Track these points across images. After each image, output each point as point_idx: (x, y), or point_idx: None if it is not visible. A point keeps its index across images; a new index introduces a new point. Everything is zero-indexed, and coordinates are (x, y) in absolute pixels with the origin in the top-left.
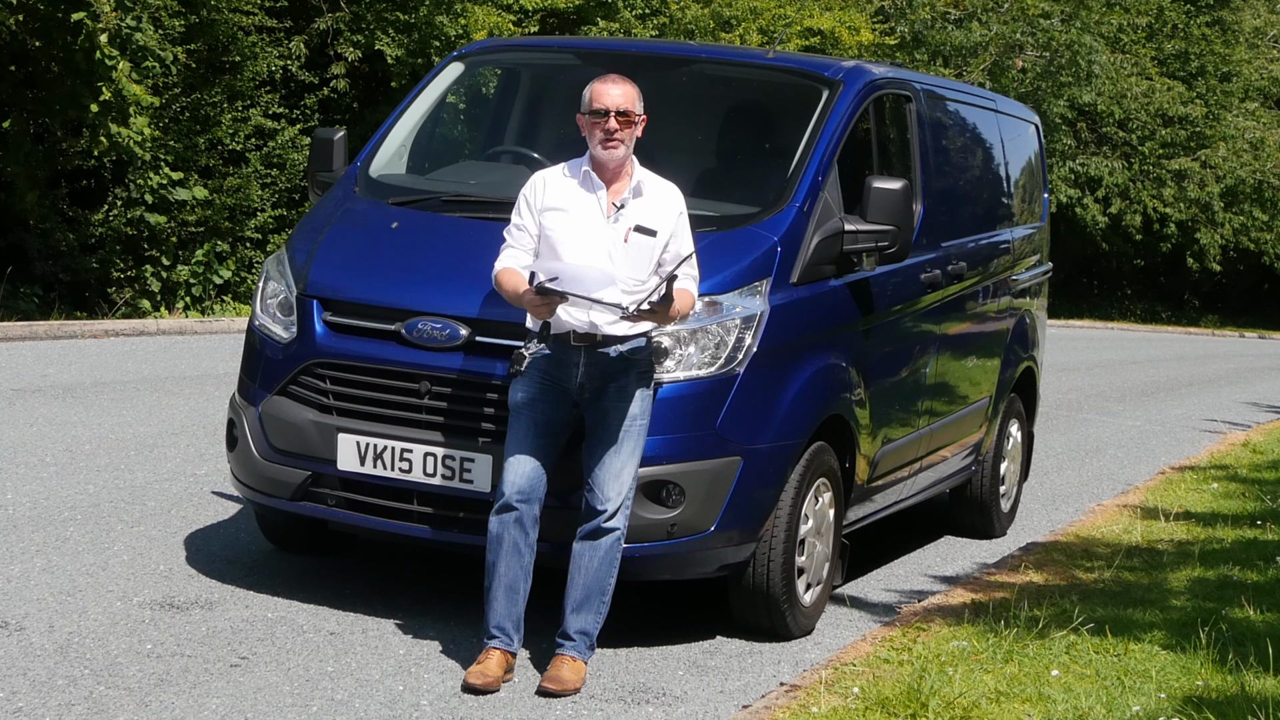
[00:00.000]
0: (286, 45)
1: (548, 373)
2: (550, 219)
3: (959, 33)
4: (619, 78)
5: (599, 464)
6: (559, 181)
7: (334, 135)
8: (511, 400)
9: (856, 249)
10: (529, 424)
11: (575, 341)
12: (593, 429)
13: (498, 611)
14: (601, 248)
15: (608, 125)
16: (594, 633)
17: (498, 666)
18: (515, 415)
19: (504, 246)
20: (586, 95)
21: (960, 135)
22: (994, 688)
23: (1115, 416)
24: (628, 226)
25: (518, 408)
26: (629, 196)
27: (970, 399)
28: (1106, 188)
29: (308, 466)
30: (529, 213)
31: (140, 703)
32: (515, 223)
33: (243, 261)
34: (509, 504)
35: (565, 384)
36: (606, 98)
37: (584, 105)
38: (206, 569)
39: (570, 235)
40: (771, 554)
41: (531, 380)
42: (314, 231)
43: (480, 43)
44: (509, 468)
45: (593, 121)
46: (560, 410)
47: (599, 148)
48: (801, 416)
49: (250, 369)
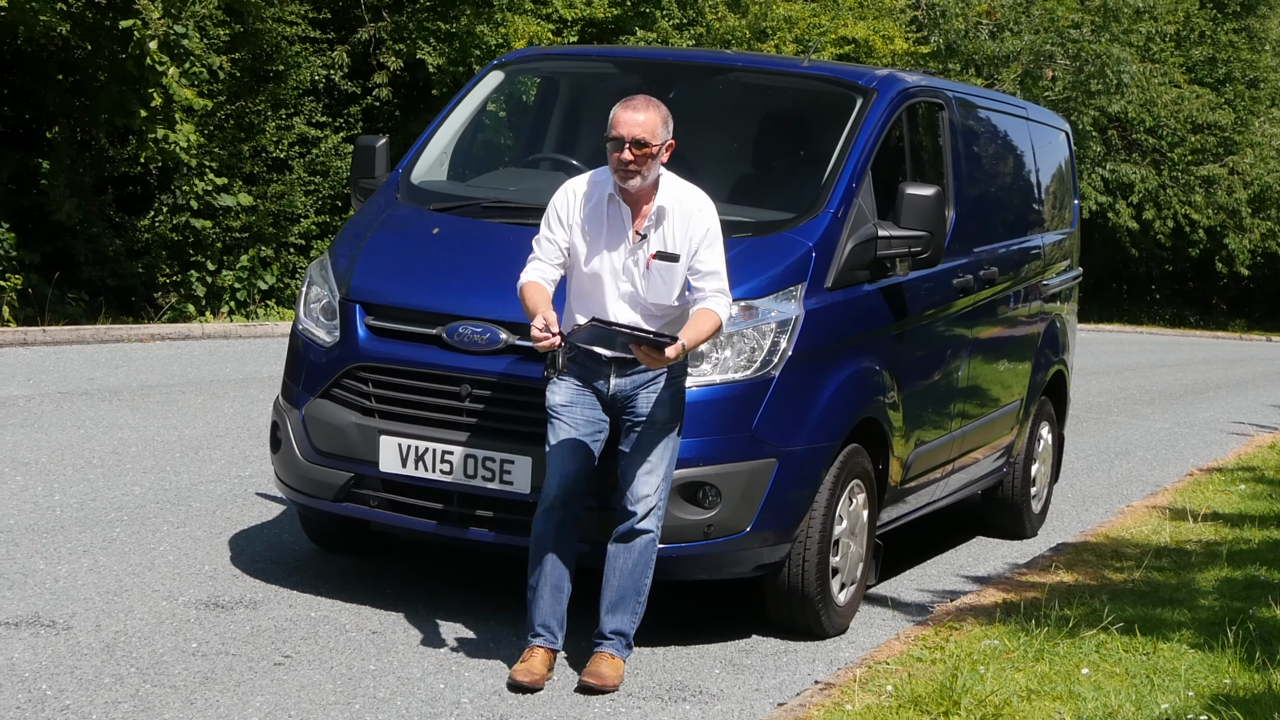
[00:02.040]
0: (329, 55)
1: (583, 377)
2: (580, 236)
3: (991, 42)
4: (644, 102)
5: (632, 467)
6: (590, 196)
7: (376, 143)
8: (550, 402)
9: (890, 254)
10: (569, 426)
11: (604, 360)
12: (626, 433)
13: (543, 610)
14: (624, 274)
15: (622, 156)
16: (630, 633)
17: (542, 664)
18: (555, 418)
19: (531, 257)
20: (609, 119)
21: (992, 142)
22: (1025, 686)
23: (1144, 419)
24: (648, 255)
25: (557, 410)
26: (650, 225)
27: (1002, 402)
28: (1139, 193)
29: (350, 468)
30: (559, 226)
31: (185, 700)
32: (545, 234)
33: (286, 267)
34: (554, 505)
35: (599, 389)
36: (623, 126)
37: (607, 129)
38: (251, 569)
39: (595, 259)
40: (806, 554)
41: (569, 383)
42: (356, 237)
43: (520, 51)
44: (552, 470)
45: (610, 150)
46: (598, 412)
47: (615, 175)
48: (836, 419)
49: (294, 372)
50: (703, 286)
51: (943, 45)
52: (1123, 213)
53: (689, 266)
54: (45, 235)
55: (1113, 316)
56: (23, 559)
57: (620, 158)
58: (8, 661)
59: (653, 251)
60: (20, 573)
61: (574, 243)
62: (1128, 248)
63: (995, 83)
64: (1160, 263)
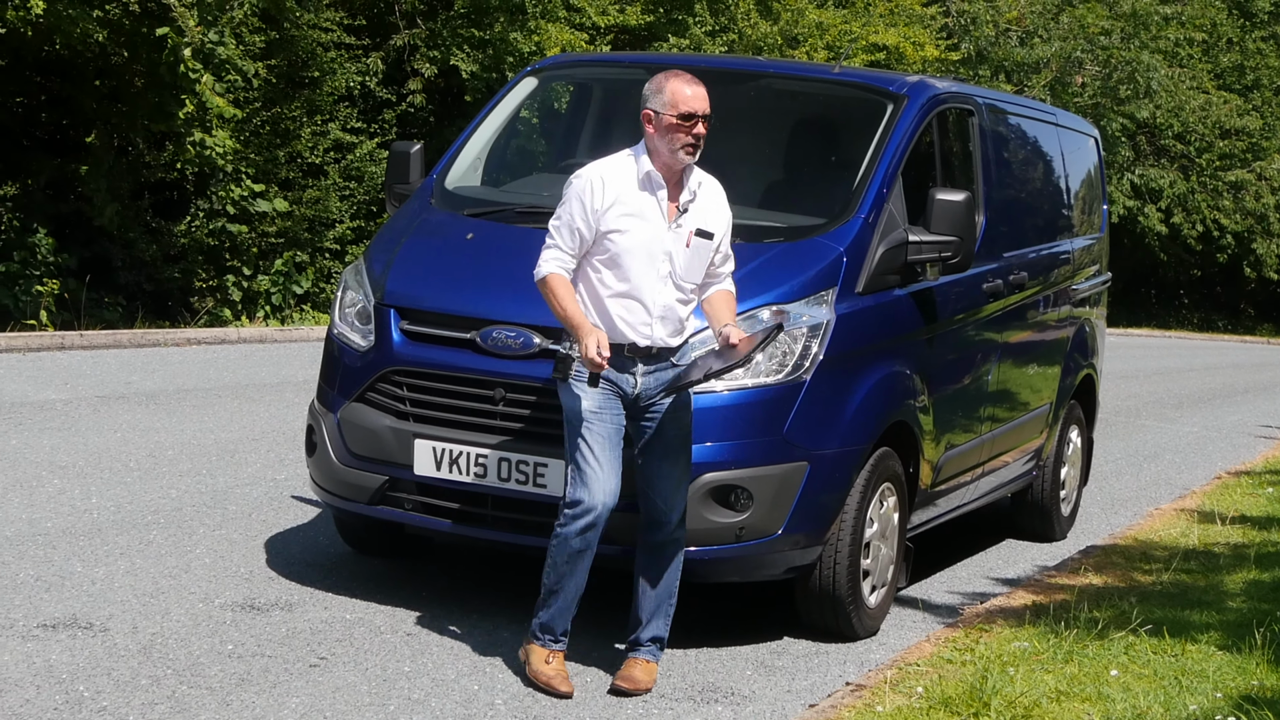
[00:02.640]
0: (365, 61)
1: (609, 379)
2: (613, 222)
3: (1021, 49)
4: (693, 78)
5: (661, 473)
6: (618, 181)
7: (411, 148)
8: (574, 407)
9: (920, 259)
10: (601, 435)
11: (629, 353)
12: (651, 437)
13: (567, 618)
14: (663, 254)
15: (696, 130)
16: (665, 636)
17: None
18: (585, 425)
19: (549, 246)
20: (667, 95)
21: (1021, 148)
22: (1054, 687)
23: (1173, 423)
24: (690, 231)
25: (588, 418)
26: (689, 199)
27: (1031, 406)
28: (1167, 198)
29: (385, 471)
30: (584, 215)
31: (222, 702)
32: (568, 222)
33: (322, 272)
34: (595, 522)
35: (624, 391)
36: (697, 101)
37: (664, 105)
38: (286, 571)
39: (635, 243)
40: (837, 556)
41: (595, 388)
42: (391, 242)
43: (553, 58)
44: (593, 483)
45: (680, 125)
46: (623, 415)
47: (680, 152)
48: (867, 422)
49: (329, 376)
50: (723, 269)
51: (973, 52)
52: (1151, 217)
53: (718, 245)
54: (83, 240)
55: (1141, 321)
56: (60, 561)
57: (695, 133)
58: (45, 663)
59: (694, 229)
60: (58, 575)
61: (608, 227)
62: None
63: (1025, 89)
64: (1188, 267)
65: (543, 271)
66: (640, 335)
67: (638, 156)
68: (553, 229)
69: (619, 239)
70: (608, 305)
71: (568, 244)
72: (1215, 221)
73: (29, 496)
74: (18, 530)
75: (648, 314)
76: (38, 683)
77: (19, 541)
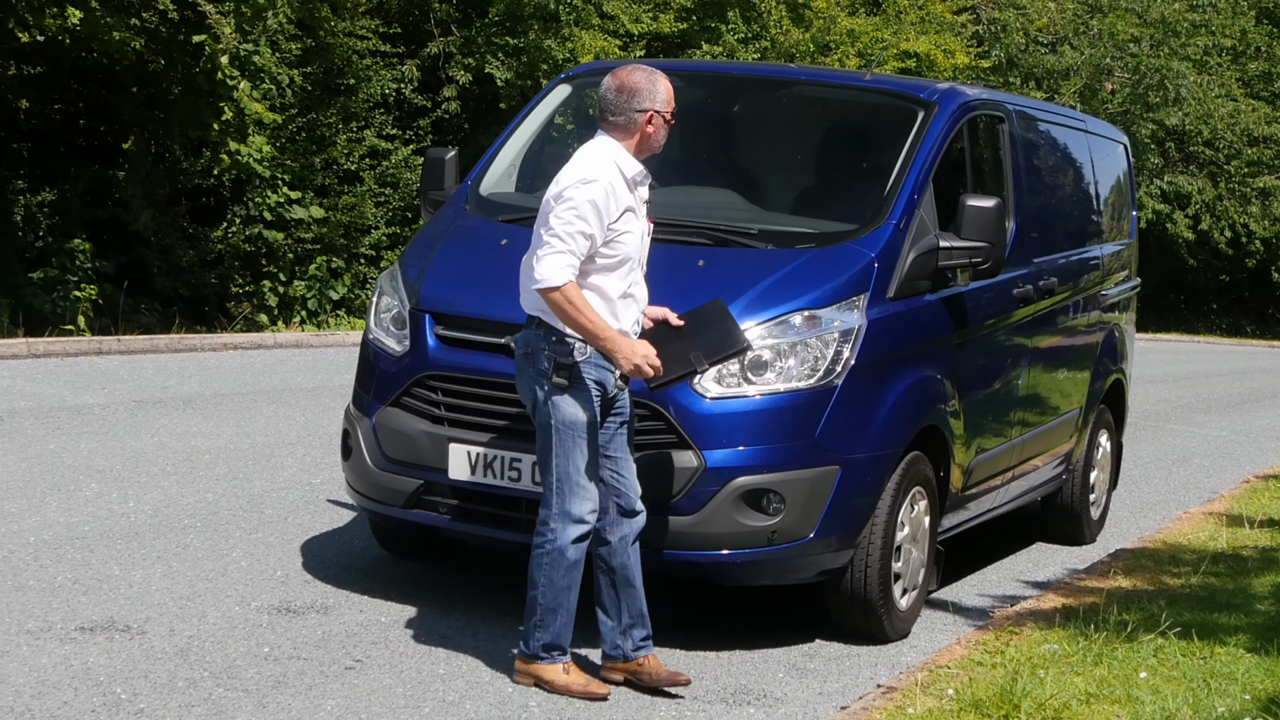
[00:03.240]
0: (400, 69)
1: (599, 384)
2: (626, 222)
3: (1051, 56)
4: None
5: (628, 465)
6: (622, 184)
7: (445, 155)
8: (567, 417)
9: (951, 265)
10: (593, 445)
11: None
12: (615, 432)
13: (570, 631)
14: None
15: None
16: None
17: None
18: (579, 435)
19: (559, 251)
20: (662, 93)
21: (1051, 155)
22: (1084, 689)
23: (1201, 427)
24: (650, 220)
25: (580, 428)
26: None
27: (1061, 410)
28: (1196, 205)
29: (420, 475)
30: (599, 222)
31: (258, 704)
32: (581, 229)
33: (357, 277)
34: (589, 530)
35: (607, 392)
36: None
37: (659, 103)
38: (322, 574)
39: (637, 240)
40: (869, 560)
41: (587, 398)
42: (426, 248)
43: (587, 65)
44: (586, 493)
45: (668, 122)
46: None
47: (658, 146)
48: (898, 427)
49: (364, 381)
50: None
51: (1003, 59)
52: (1180, 223)
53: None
54: (120, 246)
55: (1170, 326)
56: (98, 565)
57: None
58: (83, 665)
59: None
60: (95, 578)
61: (622, 232)
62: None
63: (1055, 96)
64: (1217, 273)
65: (558, 280)
66: (635, 333)
67: (618, 155)
68: (563, 235)
69: (631, 241)
70: (619, 306)
71: (582, 250)
72: (1244, 227)
73: (67, 500)
74: (56, 534)
75: (640, 311)
76: (75, 685)
77: (57, 545)
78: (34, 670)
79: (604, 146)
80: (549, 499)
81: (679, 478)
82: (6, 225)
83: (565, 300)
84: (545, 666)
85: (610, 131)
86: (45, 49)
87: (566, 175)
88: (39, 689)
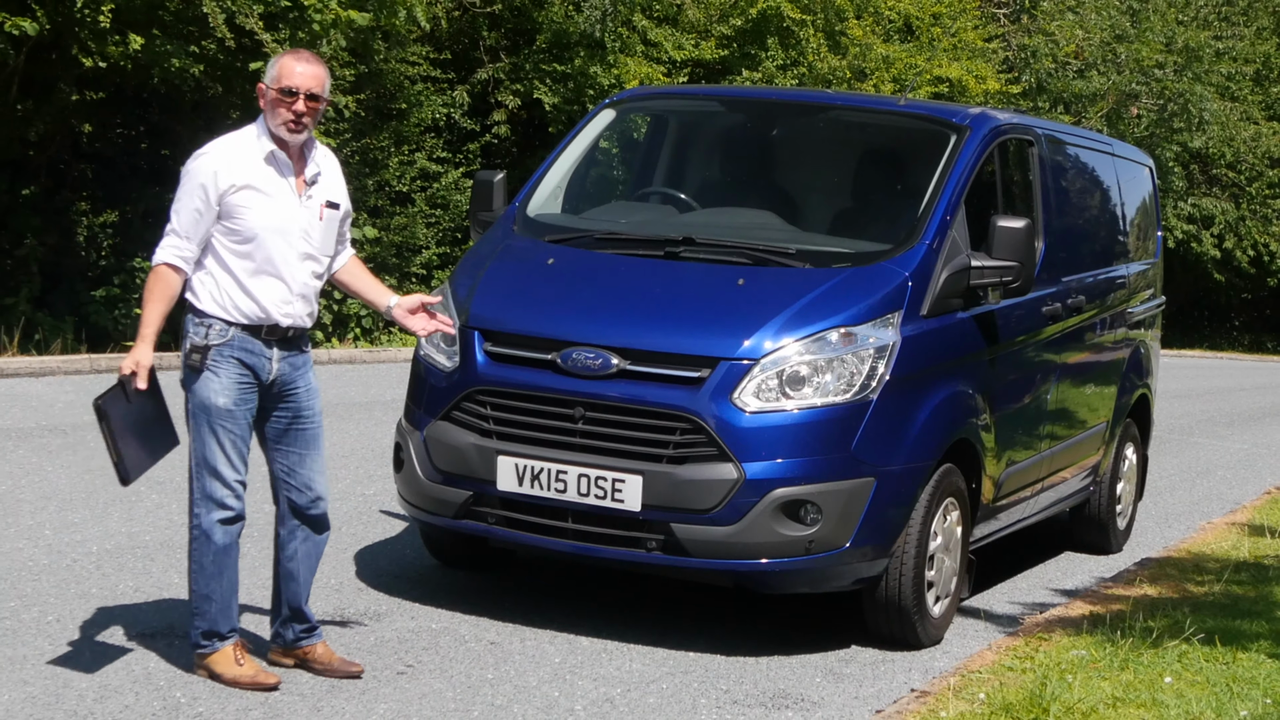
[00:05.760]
0: (450, 94)
1: (247, 368)
2: (244, 198)
3: (1079, 82)
4: (310, 56)
5: (310, 462)
6: (243, 162)
7: (494, 177)
8: (199, 400)
9: (983, 283)
10: (232, 430)
11: (268, 335)
12: (289, 424)
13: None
14: (298, 229)
15: (296, 107)
16: None
17: None
18: (213, 419)
19: (169, 232)
20: (274, 70)
21: (1079, 177)
22: (1111, 694)
23: (1224, 440)
24: (320, 204)
25: (213, 411)
26: (317, 174)
27: (1089, 424)
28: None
29: (469, 487)
30: (209, 198)
31: (313, 708)
32: (192, 207)
33: None
34: (241, 514)
35: (260, 376)
36: (297, 77)
37: (269, 79)
38: (375, 582)
39: (267, 219)
40: (903, 568)
41: (224, 384)
42: (475, 267)
43: (631, 91)
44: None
45: (279, 100)
46: (255, 405)
47: (283, 129)
48: (931, 440)
49: (416, 396)
50: (347, 234)
51: (1033, 84)
52: (1205, 243)
53: (344, 213)
54: None
55: (1194, 342)
56: (158, 574)
57: (295, 108)
58: (144, 670)
59: (324, 201)
60: (156, 587)
61: (240, 209)
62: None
63: (1082, 120)
64: (1239, 291)
65: (155, 259)
66: (284, 313)
67: (258, 136)
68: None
69: (254, 218)
70: (251, 286)
71: (191, 231)
72: (1265, 247)
73: (128, 511)
74: (118, 544)
75: (289, 292)
76: (136, 689)
77: (119, 554)
78: (97, 675)
79: (252, 124)
80: (190, 484)
81: (719, 489)
82: (70, 245)
83: (147, 282)
84: (212, 657)
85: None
86: (108, 75)
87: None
88: (101, 693)
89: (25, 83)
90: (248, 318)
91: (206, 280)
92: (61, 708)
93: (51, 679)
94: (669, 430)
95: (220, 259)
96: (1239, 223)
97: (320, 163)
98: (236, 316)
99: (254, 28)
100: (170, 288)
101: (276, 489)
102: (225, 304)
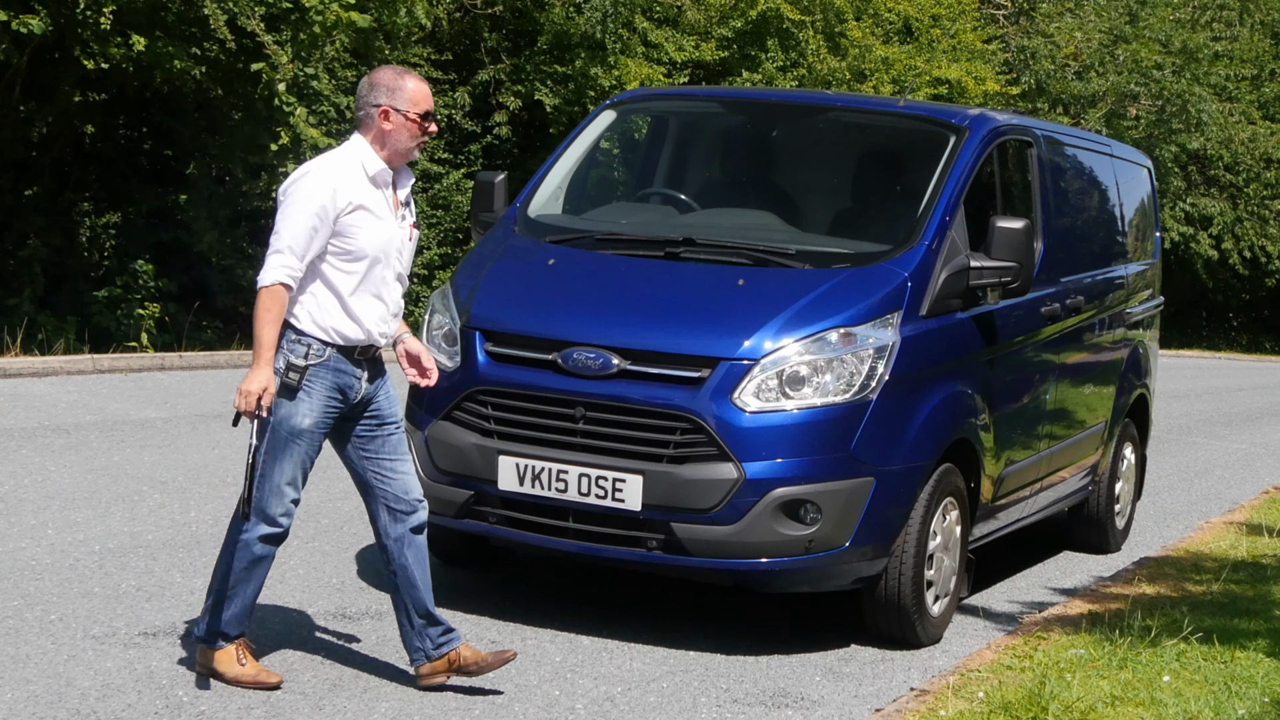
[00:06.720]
0: (451, 95)
1: (338, 389)
2: (357, 218)
3: (1078, 83)
4: (420, 76)
5: (402, 467)
6: (354, 182)
7: (495, 178)
8: (283, 417)
9: (982, 284)
10: (308, 453)
11: (360, 354)
12: (373, 432)
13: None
14: (394, 249)
15: (430, 128)
16: None
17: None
18: (290, 438)
19: (275, 251)
20: (407, 94)
21: (1078, 178)
22: (1110, 692)
23: (1222, 440)
24: (410, 225)
25: (295, 432)
26: (409, 196)
27: (1087, 424)
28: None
29: (471, 486)
30: (325, 220)
31: (315, 707)
32: (310, 227)
33: (410, 296)
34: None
35: (349, 396)
36: (429, 101)
37: (402, 103)
38: (376, 582)
39: (375, 239)
40: (902, 568)
41: (313, 405)
42: (476, 268)
43: (632, 92)
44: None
45: (418, 124)
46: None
47: (414, 147)
48: (930, 440)
49: (417, 396)
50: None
51: (1032, 86)
52: (1203, 244)
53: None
54: (182, 266)
55: (1193, 343)
56: (160, 573)
57: (430, 130)
58: (146, 669)
59: (413, 221)
60: (158, 585)
61: (353, 228)
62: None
63: (1081, 121)
64: (1237, 292)
65: (264, 280)
66: (384, 336)
67: (362, 151)
68: (281, 232)
69: (366, 240)
70: (356, 310)
71: (303, 250)
72: (1262, 248)
73: (131, 510)
74: (120, 543)
75: (392, 317)
76: (139, 688)
77: (121, 553)
78: (99, 674)
79: (348, 144)
80: (247, 488)
81: (719, 489)
82: (73, 246)
83: (260, 302)
84: (216, 654)
85: (358, 129)
86: (110, 76)
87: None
88: (104, 692)
89: (28, 84)
90: (345, 339)
91: (307, 300)
92: (64, 706)
93: (54, 677)
94: (669, 430)
95: (326, 279)
96: (1236, 224)
97: (407, 184)
98: (334, 338)
99: (255, 29)
100: (285, 307)
101: (372, 501)
102: (325, 325)
